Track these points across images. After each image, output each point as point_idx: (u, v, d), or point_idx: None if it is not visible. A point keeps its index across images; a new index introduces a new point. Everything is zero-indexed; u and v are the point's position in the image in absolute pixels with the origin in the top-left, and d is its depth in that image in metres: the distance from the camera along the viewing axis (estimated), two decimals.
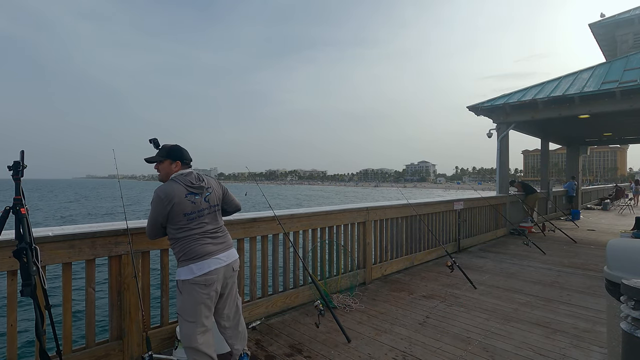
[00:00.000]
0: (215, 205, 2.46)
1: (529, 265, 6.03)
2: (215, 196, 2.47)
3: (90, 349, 2.60)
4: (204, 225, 2.36)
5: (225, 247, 2.43)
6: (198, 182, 2.38)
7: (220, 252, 2.38)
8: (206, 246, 2.33)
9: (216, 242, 2.40)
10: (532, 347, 3.07)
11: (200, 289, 2.27)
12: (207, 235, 2.36)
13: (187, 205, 2.29)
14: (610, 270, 2.11)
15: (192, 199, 2.32)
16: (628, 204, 16.71)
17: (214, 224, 2.43)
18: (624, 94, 7.34)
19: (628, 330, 1.54)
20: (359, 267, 4.85)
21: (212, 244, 2.36)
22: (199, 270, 2.26)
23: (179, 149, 2.44)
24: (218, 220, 2.48)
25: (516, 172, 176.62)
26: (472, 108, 9.54)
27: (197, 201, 2.33)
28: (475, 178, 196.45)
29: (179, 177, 2.35)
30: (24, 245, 1.90)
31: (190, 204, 2.30)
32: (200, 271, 2.26)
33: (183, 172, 2.38)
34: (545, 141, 13.43)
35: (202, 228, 2.34)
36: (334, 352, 3.00)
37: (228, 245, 2.47)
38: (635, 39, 12.11)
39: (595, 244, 8.12)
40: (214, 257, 2.33)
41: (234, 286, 2.52)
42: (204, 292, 2.28)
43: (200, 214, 2.35)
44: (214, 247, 2.36)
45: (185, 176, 2.36)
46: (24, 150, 2.01)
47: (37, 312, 1.90)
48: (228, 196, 2.59)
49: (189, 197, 2.30)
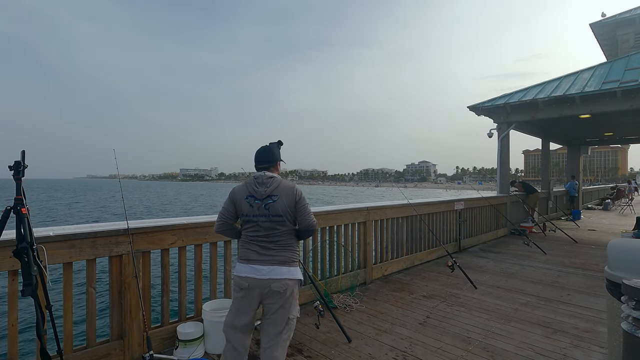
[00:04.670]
0: (276, 216, 2.22)
1: (530, 265, 6.03)
2: (280, 206, 2.22)
3: (91, 348, 2.60)
4: (257, 231, 2.26)
5: (269, 261, 2.22)
6: (262, 188, 2.25)
7: (261, 264, 2.22)
8: (250, 252, 2.26)
9: (262, 252, 2.24)
10: (532, 347, 3.07)
11: (234, 288, 2.29)
12: (256, 242, 2.26)
13: (245, 207, 2.26)
14: (611, 270, 2.11)
15: (251, 202, 2.25)
16: (629, 204, 16.69)
17: (268, 234, 2.25)
18: (624, 94, 7.33)
19: (629, 330, 1.54)
20: (360, 267, 4.85)
21: (257, 253, 2.25)
22: (236, 271, 2.28)
23: (257, 151, 2.40)
24: (276, 232, 2.24)
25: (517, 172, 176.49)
26: (472, 108, 9.54)
27: (255, 205, 2.24)
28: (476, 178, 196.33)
29: (250, 179, 2.33)
30: (24, 245, 1.90)
31: (248, 206, 2.25)
32: (237, 272, 2.27)
33: (256, 174, 2.33)
34: (546, 141, 13.41)
35: (254, 233, 2.27)
36: (334, 352, 3.00)
37: (275, 261, 2.23)
38: (636, 39, 12.09)
39: (596, 244, 8.11)
40: (251, 265, 2.23)
41: (279, 311, 2.23)
42: (236, 292, 2.28)
43: (256, 219, 2.24)
44: (257, 256, 2.24)
45: (255, 179, 2.30)
46: (24, 150, 2.02)
47: (38, 311, 1.90)
48: (300, 209, 2.28)
49: (248, 199, 2.26)
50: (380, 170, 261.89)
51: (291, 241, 2.32)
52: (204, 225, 3.21)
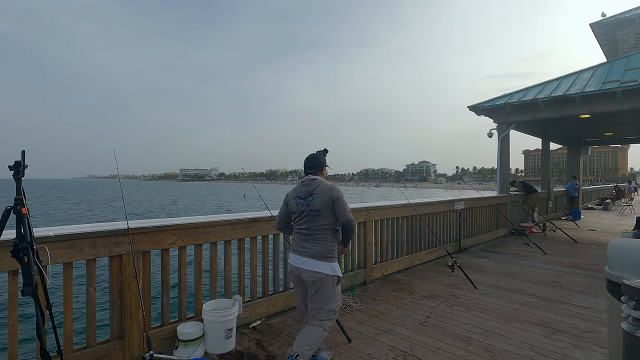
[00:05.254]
0: (315, 211, 2.60)
1: (530, 265, 6.03)
2: (318, 203, 2.60)
3: (91, 348, 2.60)
4: (302, 224, 2.67)
5: (305, 252, 2.60)
6: (305, 188, 2.68)
7: (298, 254, 2.64)
8: (294, 243, 2.72)
9: (302, 243, 2.64)
10: (532, 347, 3.07)
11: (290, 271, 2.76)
12: (299, 234, 2.68)
13: (293, 206, 2.72)
14: (611, 270, 2.11)
15: (298, 202, 2.69)
16: (629, 204, 16.69)
17: (308, 227, 2.63)
18: (625, 94, 7.33)
19: (629, 330, 1.54)
20: (360, 267, 4.85)
21: (298, 244, 2.67)
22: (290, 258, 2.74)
23: (306, 159, 2.80)
24: (315, 224, 2.61)
25: (517, 172, 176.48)
26: (472, 108, 9.54)
27: (300, 204, 2.67)
28: (476, 178, 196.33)
29: (299, 183, 2.78)
30: (25, 245, 1.90)
31: (295, 205, 2.71)
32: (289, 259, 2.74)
33: (304, 178, 2.76)
34: (546, 141, 13.42)
35: (299, 226, 2.69)
36: (334, 352, 3.00)
37: (309, 253, 2.58)
38: (636, 39, 12.09)
39: (596, 244, 8.11)
40: (292, 253, 2.70)
41: (315, 295, 2.57)
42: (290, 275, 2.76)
43: (302, 215, 2.65)
44: (297, 247, 2.67)
45: (301, 182, 2.76)
46: (24, 150, 2.02)
47: (38, 311, 1.90)
48: (336, 206, 2.61)
49: (296, 199, 2.72)
50: (380, 170, 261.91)
51: (327, 237, 2.61)
52: (204, 225, 3.21)
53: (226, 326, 2.96)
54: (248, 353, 2.98)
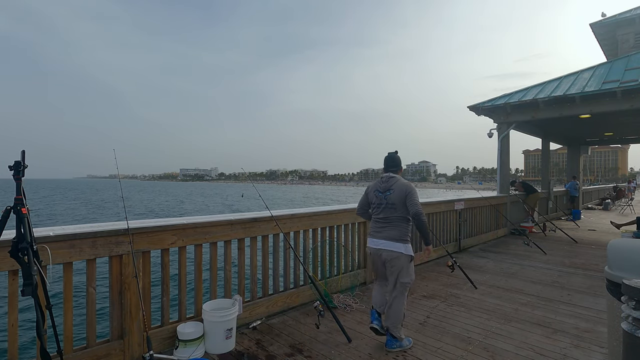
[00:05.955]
0: (391, 204, 3.10)
1: (530, 265, 6.03)
2: (394, 197, 3.10)
3: (91, 348, 2.60)
4: (379, 214, 3.17)
5: (382, 235, 3.12)
6: (384, 184, 3.20)
7: (377, 238, 3.16)
8: (373, 229, 3.23)
9: (380, 229, 3.16)
10: (532, 347, 3.07)
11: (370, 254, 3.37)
12: (377, 222, 3.19)
13: (373, 198, 3.25)
14: (611, 271, 2.11)
15: (377, 195, 3.21)
16: (629, 204, 16.68)
17: (385, 217, 3.13)
18: (625, 94, 7.33)
19: (629, 330, 1.54)
20: (360, 267, 4.85)
21: (376, 230, 3.19)
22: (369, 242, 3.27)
23: (386, 158, 3.32)
24: (391, 214, 3.11)
25: (517, 172, 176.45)
26: (472, 108, 9.53)
27: (379, 197, 3.19)
28: (476, 178, 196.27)
29: (378, 179, 3.32)
30: (25, 245, 1.90)
31: (375, 197, 3.23)
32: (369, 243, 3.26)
33: (383, 175, 3.29)
34: (546, 141, 13.41)
35: (377, 216, 3.20)
36: (334, 352, 3.00)
37: (386, 236, 3.10)
38: (636, 39, 12.09)
39: (596, 244, 8.11)
40: (371, 238, 3.21)
41: (393, 273, 3.08)
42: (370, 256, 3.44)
43: (380, 206, 3.17)
44: (376, 233, 3.18)
45: (380, 179, 3.30)
46: (24, 150, 2.02)
47: (38, 311, 1.90)
48: (408, 200, 3.07)
49: (375, 192, 3.24)
50: (381, 170, 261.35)
51: (401, 224, 3.11)
52: (204, 225, 3.21)
53: (226, 326, 2.96)
54: (248, 353, 2.98)
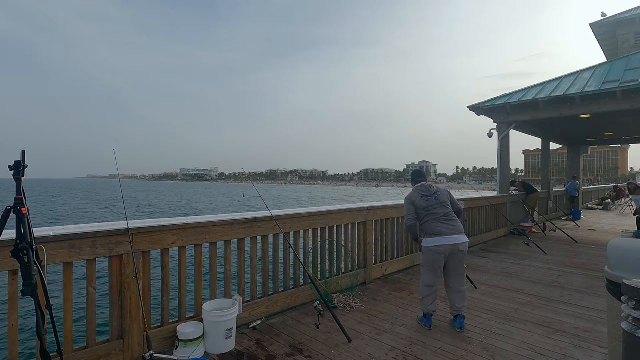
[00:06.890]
0: (444, 202, 3.58)
1: (530, 265, 6.03)
2: (444, 197, 3.62)
3: (91, 348, 2.60)
4: (438, 213, 3.50)
5: (455, 230, 3.43)
6: (428, 189, 3.64)
7: (452, 235, 3.40)
8: (439, 227, 3.44)
9: (448, 225, 3.45)
10: (532, 347, 3.07)
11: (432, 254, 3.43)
12: (439, 220, 3.47)
13: (423, 204, 3.57)
14: (612, 270, 2.11)
15: (426, 199, 3.58)
16: (629, 204, 16.68)
17: (445, 213, 3.51)
18: (625, 94, 7.33)
19: (629, 330, 1.54)
20: (360, 267, 4.85)
21: (446, 226, 3.44)
22: (433, 242, 3.42)
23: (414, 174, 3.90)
24: (448, 210, 3.54)
25: (517, 172, 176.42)
26: (472, 108, 9.53)
27: (429, 200, 3.57)
28: (476, 178, 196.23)
29: (416, 188, 3.73)
30: (25, 245, 1.90)
31: (425, 202, 3.56)
32: (435, 243, 3.41)
33: (421, 184, 3.72)
34: (546, 141, 13.41)
35: (436, 215, 3.49)
36: (334, 352, 3.00)
37: (458, 229, 3.45)
38: (636, 39, 12.09)
39: (596, 244, 8.11)
40: (444, 236, 3.39)
41: (463, 260, 3.48)
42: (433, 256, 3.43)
43: (434, 206, 3.53)
44: (447, 229, 3.42)
45: (421, 186, 3.71)
46: (24, 150, 2.02)
47: (38, 311, 1.90)
48: (451, 199, 3.67)
49: (423, 198, 3.60)
50: (380, 170, 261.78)
51: (458, 218, 3.56)
52: (204, 225, 3.21)
53: (226, 326, 2.96)
54: (248, 353, 2.98)
